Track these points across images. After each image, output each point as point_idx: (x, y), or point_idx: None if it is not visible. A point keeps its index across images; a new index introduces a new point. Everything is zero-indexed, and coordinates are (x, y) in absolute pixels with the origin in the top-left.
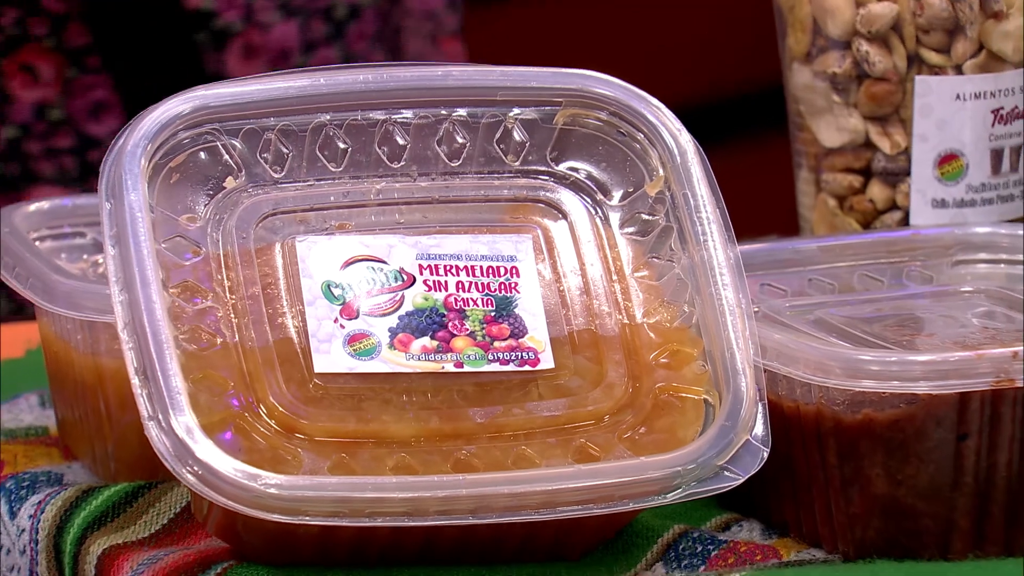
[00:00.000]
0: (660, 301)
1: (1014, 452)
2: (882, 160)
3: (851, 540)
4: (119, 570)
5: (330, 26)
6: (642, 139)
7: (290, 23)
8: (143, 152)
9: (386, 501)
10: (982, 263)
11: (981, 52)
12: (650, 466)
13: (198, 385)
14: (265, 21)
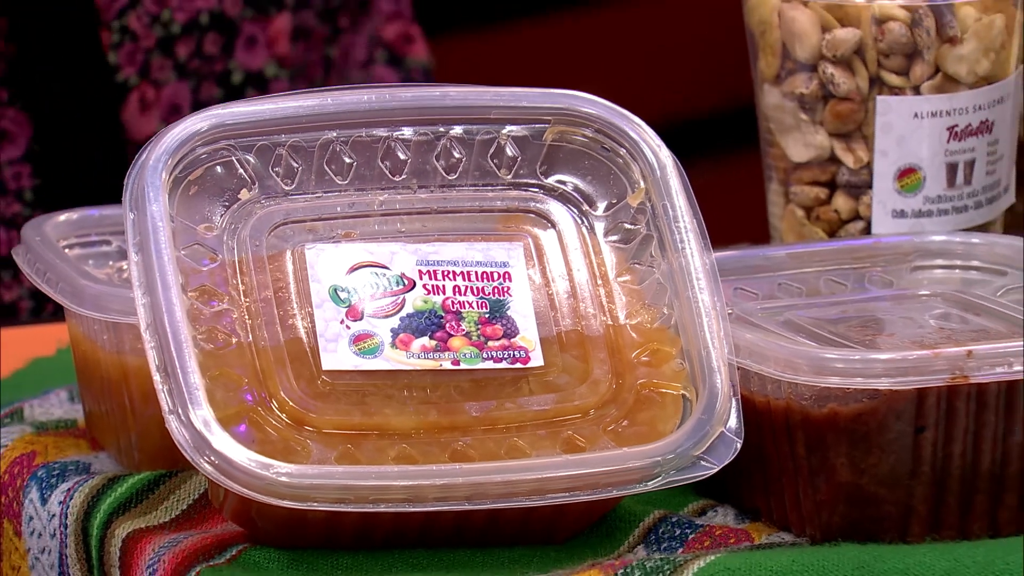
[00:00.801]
0: (641, 304)
1: (968, 443)
2: (846, 174)
3: (818, 524)
4: (142, 552)
5: (225, 90)
6: (624, 154)
7: (183, 83)
8: (164, 166)
9: (388, 488)
10: (938, 269)
11: (937, 74)
12: (632, 456)
13: (215, 382)
14: (160, 79)
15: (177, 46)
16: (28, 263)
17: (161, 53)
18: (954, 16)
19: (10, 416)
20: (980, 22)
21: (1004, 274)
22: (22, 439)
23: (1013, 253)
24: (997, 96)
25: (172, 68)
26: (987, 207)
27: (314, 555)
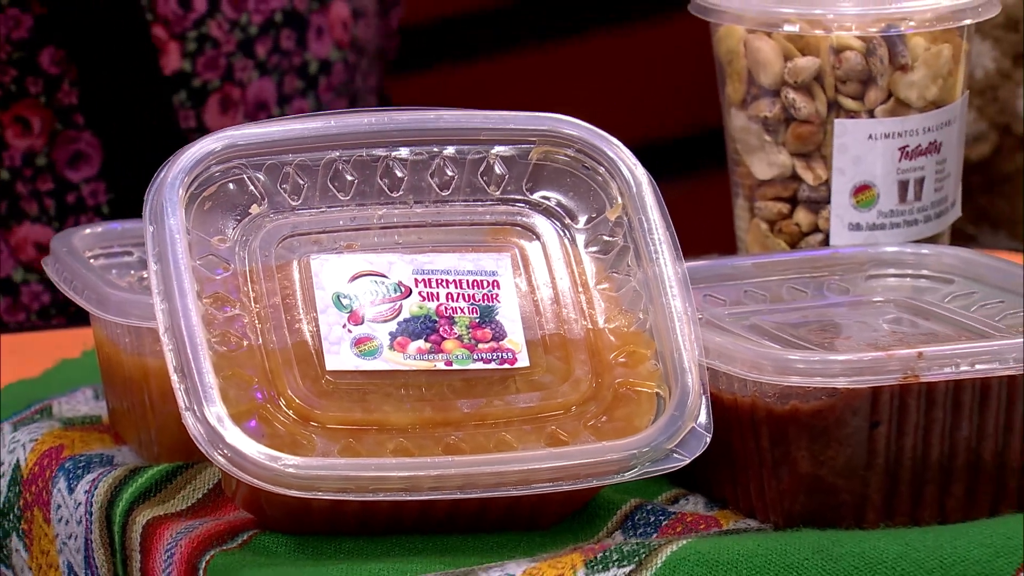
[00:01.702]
0: (619, 309)
1: (918, 437)
2: (806, 190)
3: (781, 512)
4: (160, 538)
5: (304, 80)
6: (603, 172)
7: (265, 79)
8: (180, 183)
9: (387, 479)
10: (891, 277)
11: (890, 99)
12: (610, 449)
13: (227, 381)
14: (242, 79)
15: (256, 46)
16: (56, 272)
17: (243, 55)
18: (905, 46)
19: (40, 412)
20: (929, 51)
21: (951, 282)
22: (51, 433)
23: (959, 263)
24: (945, 119)
25: (254, 67)
26: (935, 221)
27: (318, 540)
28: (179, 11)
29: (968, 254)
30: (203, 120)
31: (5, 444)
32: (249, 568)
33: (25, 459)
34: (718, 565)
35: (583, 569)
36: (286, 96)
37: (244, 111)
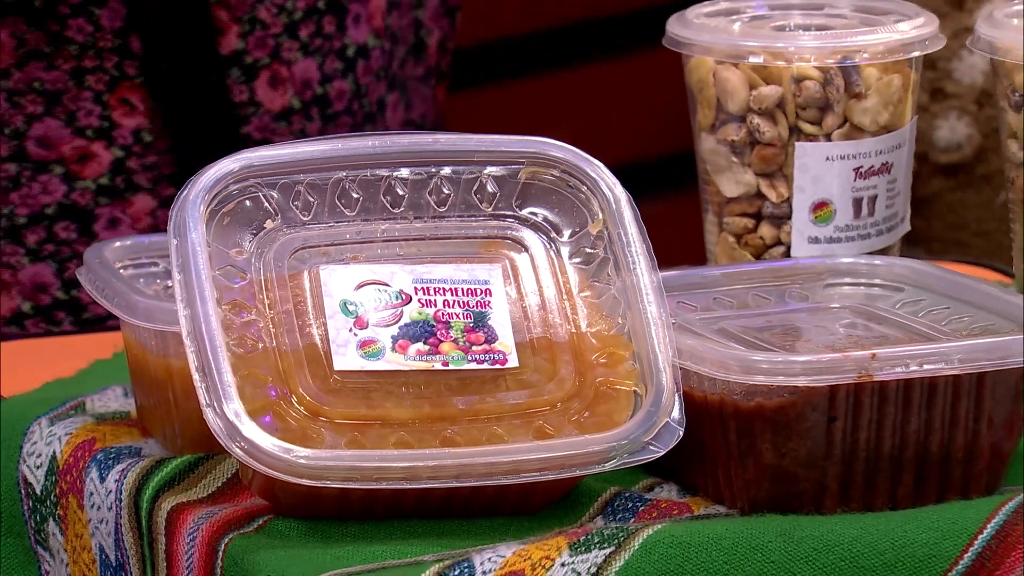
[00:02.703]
0: (600, 315)
1: (871, 431)
2: (770, 207)
3: (747, 499)
4: (184, 522)
5: (343, 63)
6: (586, 190)
7: (309, 60)
8: (202, 200)
9: (389, 469)
10: (847, 286)
11: (846, 124)
12: (592, 442)
13: (244, 380)
14: (289, 59)
15: (300, 29)
16: (90, 281)
17: (288, 36)
18: (859, 76)
19: (74, 409)
20: (881, 81)
21: (901, 290)
22: (84, 428)
23: (909, 273)
24: (895, 143)
25: (299, 48)
26: (887, 234)
27: (327, 524)
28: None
29: (917, 265)
30: (255, 94)
31: (43, 437)
32: (264, 550)
33: (61, 451)
34: (690, 547)
35: (567, 551)
36: (327, 76)
37: (292, 88)
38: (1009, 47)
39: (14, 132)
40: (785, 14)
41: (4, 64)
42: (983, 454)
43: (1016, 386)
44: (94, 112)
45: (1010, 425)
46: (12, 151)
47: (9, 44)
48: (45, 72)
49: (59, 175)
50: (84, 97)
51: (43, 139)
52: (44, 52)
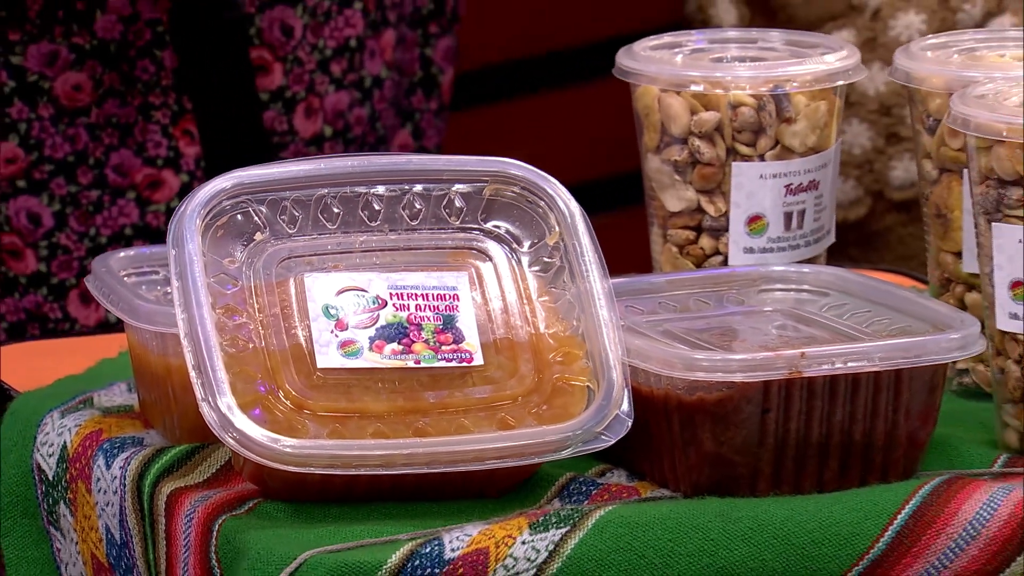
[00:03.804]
0: (557, 318)
1: (801, 422)
2: (709, 220)
3: (689, 483)
4: (182, 505)
5: (361, 92)
6: (544, 205)
7: (340, 92)
8: (198, 215)
9: (367, 457)
10: (778, 291)
11: (777, 146)
12: (549, 432)
13: (236, 377)
14: (322, 91)
15: (332, 65)
16: (97, 288)
17: (321, 71)
18: (790, 102)
19: (83, 403)
20: (809, 107)
21: (827, 295)
22: (92, 420)
23: (834, 279)
24: (822, 162)
25: (331, 82)
26: (814, 245)
27: (311, 507)
28: (282, 38)
29: (841, 272)
30: (293, 124)
31: (55, 428)
32: (254, 530)
33: (71, 441)
34: (638, 526)
35: (528, 530)
36: (350, 105)
37: (324, 117)
38: (923, 76)
39: (94, 162)
40: (723, 47)
41: (85, 102)
42: (901, 442)
43: (930, 381)
44: (161, 143)
45: (925, 416)
46: (94, 179)
47: (88, 85)
48: (119, 108)
49: (133, 200)
50: (152, 130)
51: (119, 167)
52: (117, 90)
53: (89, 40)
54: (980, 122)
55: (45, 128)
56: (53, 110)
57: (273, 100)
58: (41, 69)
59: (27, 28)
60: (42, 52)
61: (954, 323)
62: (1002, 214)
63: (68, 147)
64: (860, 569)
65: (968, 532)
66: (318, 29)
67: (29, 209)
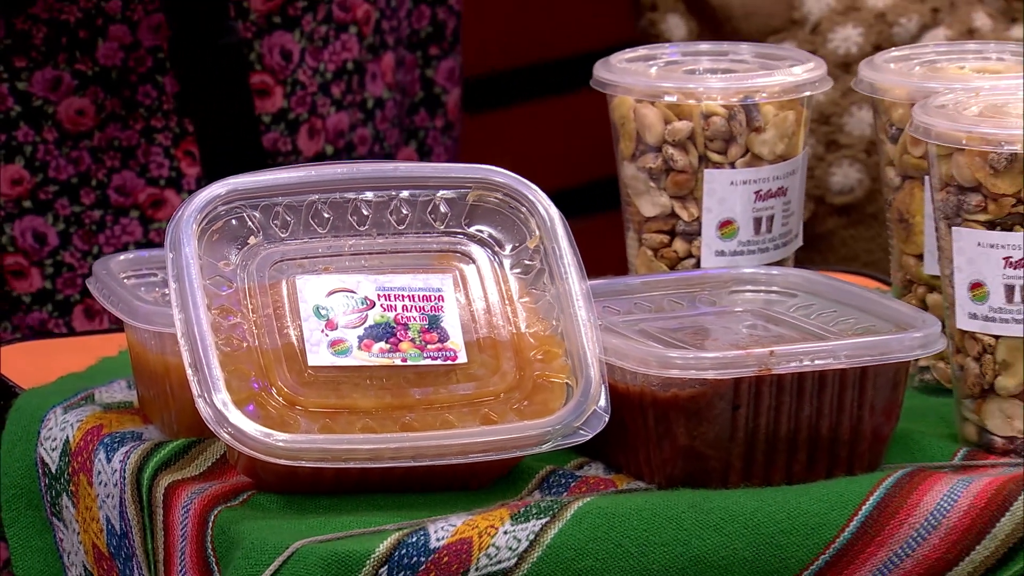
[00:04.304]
0: (537, 318)
1: (770, 417)
2: (682, 225)
3: (663, 475)
4: (179, 497)
5: (364, 113)
6: (525, 211)
7: (340, 113)
8: (194, 220)
9: (356, 451)
10: (748, 292)
11: (747, 154)
12: (530, 427)
13: (231, 374)
14: (323, 112)
15: (332, 87)
16: (98, 290)
17: (323, 94)
18: (759, 112)
19: (84, 399)
20: (777, 116)
21: (795, 296)
22: (93, 415)
23: (801, 281)
24: (790, 169)
25: (331, 103)
26: (782, 248)
27: (302, 499)
28: (282, 62)
29: (808, 274)
30: (296, 144)
31: (57, 424)
32: (248, 520)
33: (73, 435)
34: (614, 517)
35: (509, 520)
36: (352, 125)
37: (325, 136)
38: (887, 87)
39: (97, 184)
40: (695, 59)
41: (87, 127)
42: (866, 436)
43: (893, 378)
44: (164, 164)
45: (889, 411)
46: (96, 200)
47: (91, 110)
48: (121, 132)
49: (136, 218)
50: (154, 152)
51: (121, 188)
52: (119, 115)
53: (91, 67)
54: (940, 131)
55: (49, 151)
56: (57, 134)
57: (275, 122)
58: (45, 94)
59: (32, 55)
60: (46, 78)
61: (916, 323)
62: (962, 219)
63: (72, 169)
64: (827, 557)
65: (929, 522)
66: (317, 53)
67: (35, 228)
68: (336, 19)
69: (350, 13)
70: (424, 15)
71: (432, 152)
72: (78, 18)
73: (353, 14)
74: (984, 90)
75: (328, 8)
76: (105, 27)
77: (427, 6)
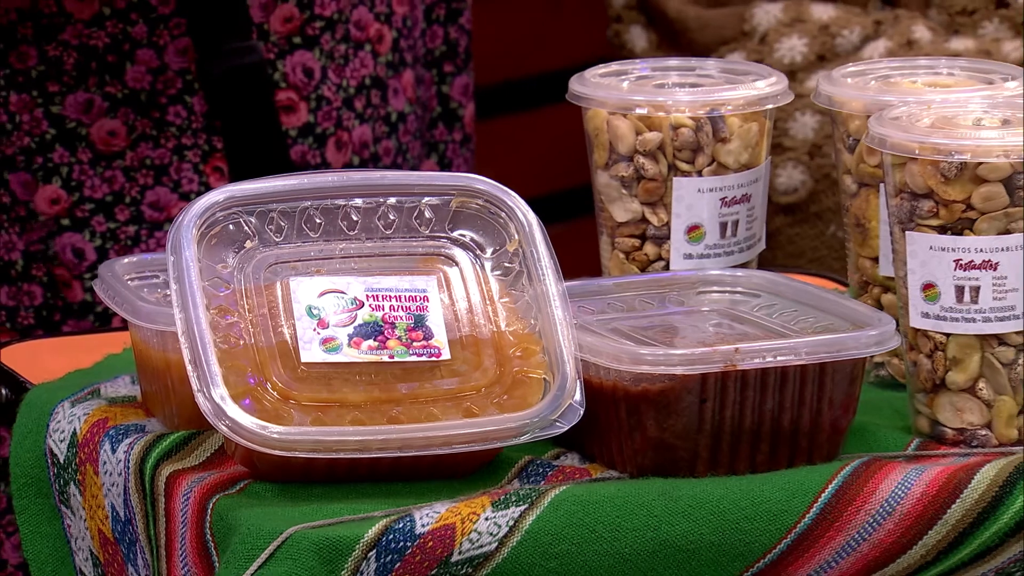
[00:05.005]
0: (516, 317)
1: (735, 410)
2: (652, 230)
3: (635, 465)
4: (180, 485)
5: (388, 126)
6: (504, 216)
7: (364, 126)
8: (194, 224)
9: (346, 442)
10: (715, 292)
11: (714, 163)
12: (510, 420)
13: (228, 370)
14: (349, 126)
15: (355, 102)
16: (103, 291)
17: (347, 108)
18: (724, 124)
19: (91, 394)
20: (742, 127)
21: (759, 296)
22: (99, 409)
23: (764, 282)
24: (754, 178)
25: (355, 117)
26: (746, 251)
27: (296, 487)
28: (305, 79)
29: (771, 276)
30: (325, 157)
31: (65, 417)
32: (245, 508)
33: (80, 428)
34: (589, 504)
35: (490, 507)
36: (377, 137)
37: (352, 148)
38: (844, 100)
39: (131, 200)
40: (664, 74)
41: (120, 147)
42: (825, 428)
43: (851, 373)
44: (194, 180)
45: (846, 405)
46: (131, 216)
47: (123, 131)
48: (152, 151)
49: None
50: (185, 168)
51: (155, 204)
52: (150, 135)
53: (121, 89)
54: (895, 141)
55: (84, 171)
56: (91, 154)
57: (303, 135)
58: (78, 117)
59: (64, 80)
60: (78, 101)
61: (872, 321)
62: (915, 223)
63: (106, 188)
64: (788, 542)
65: (885, 509)
66: (340, 71)
67: (74, 245)
68: (353, 38)
69: (364, 32)
70: (438, 35)
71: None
72: (106, 43)
73: (367, 33)
74: (935, 103)
75: (345, 28)
76: (132, 51)
77: (439, 26)
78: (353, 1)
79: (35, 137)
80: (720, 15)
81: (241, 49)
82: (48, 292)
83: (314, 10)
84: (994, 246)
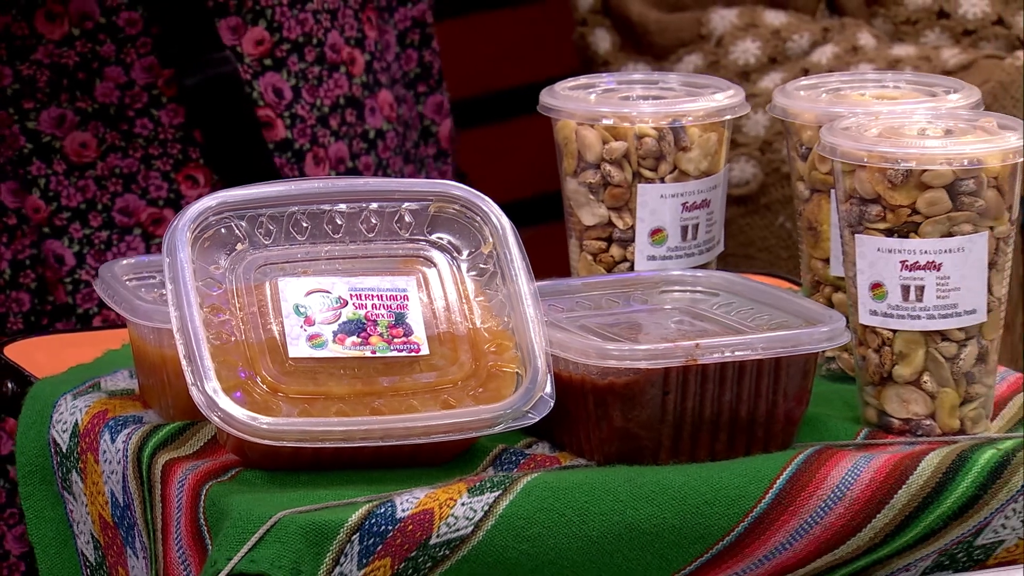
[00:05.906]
0: (490, 315)
1: (696, 402)
2: (618, 233)
3: (602, 454)
4: (175, 473)
5: (366, 143)
6: (479, 221)
7: (340, 143)
8: (187, 229)
9: (331, 432)
10: (676, 292)
11: (675, 170)
12: (485, 411)
13: (220, 365)
14: (324, 143)
15: (330, 120)
16: (103, 290)
17: (321, 126)
18: (685, 134)
19: (92, 387)
20: (702, 137)
21: (717, 295)
22: (99, 401)
23: (723, 282)
24: (713, 184)
25: (331, 134)
26: (706, 253)
27: (284, 475)
28: (275, 99)
29: (729, 276)
30: (304, 171)
31: (68, 408)
32: (236, 494)
33: (81, 419)
34: (559, 490)
35: (466, 493)
36: (355, 154)
37: (329, 163)
38: (797, 112)
39: (103, 207)
40: (629, 87)
41: (91, 158)
42: (780, 419)
43: (804, 367)
44: (163, 187)
45: (800, 397)
46: (103, 222)
47: (93, 143)
48: (121, 160)
49: (139, 235)
50: (153, 176)
51: (124, 210)
52: (119, 146)
53: (91, 104)
54: (845, 150)
55: (60, 181)
56: (65, 165)
57: (280, 150)
58: (52, 131)
59: (38, 96)
60: (52, 116)
61: (823, 318)
62: (863, 227)
63: (80, 196)
64: (745, 525)
65: (836, 494)
66: (313, 90)
67: (55, 251)
68: (328, 60)
69: (339, 55)
70: (412, 58)
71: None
72: (76, 61)
73: (341, 56)
74: (883, 114)
75: (320, 51)
76: (101, 69)
77: (414, 50)
78: (325, 26)
79: (15, 151)
80: (679, 19)
81: (215, 60)
82: (36, 298)
83: (283, 33)
84: (938, 248)
